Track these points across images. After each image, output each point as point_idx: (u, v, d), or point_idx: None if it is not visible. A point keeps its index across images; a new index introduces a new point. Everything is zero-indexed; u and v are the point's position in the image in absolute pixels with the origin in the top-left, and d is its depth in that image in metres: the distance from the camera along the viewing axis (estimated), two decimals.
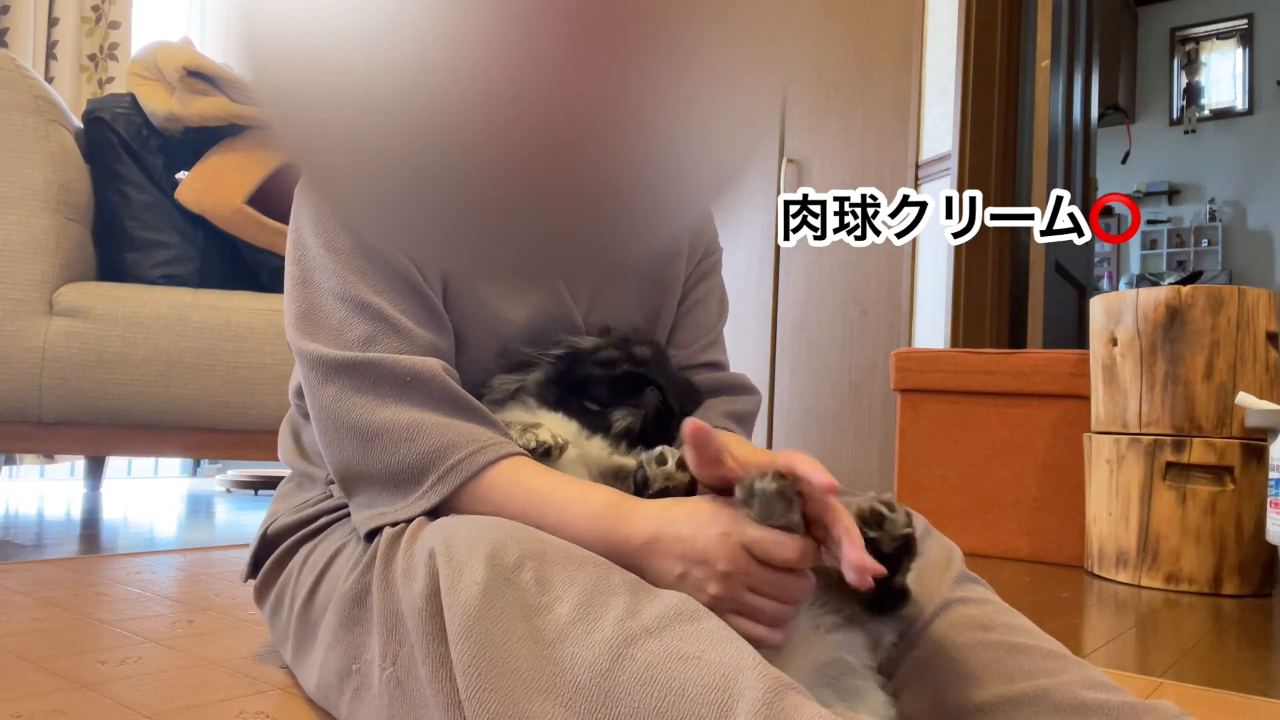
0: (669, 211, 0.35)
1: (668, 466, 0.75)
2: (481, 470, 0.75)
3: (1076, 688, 0.68)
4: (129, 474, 3.61)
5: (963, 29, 2.84)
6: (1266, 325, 1.92)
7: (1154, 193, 6.56)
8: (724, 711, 0.54)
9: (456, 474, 0.75)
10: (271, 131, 0.32)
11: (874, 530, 0.69)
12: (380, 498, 0.78)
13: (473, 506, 0.75)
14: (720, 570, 0.66)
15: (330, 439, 0.80)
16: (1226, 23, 6.38)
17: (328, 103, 0.31)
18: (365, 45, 0.29)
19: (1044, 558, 2.21)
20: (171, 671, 0.96)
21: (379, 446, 0.76)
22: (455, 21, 0.28)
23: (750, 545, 0.66)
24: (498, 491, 0.75)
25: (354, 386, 0.78)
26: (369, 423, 0.77)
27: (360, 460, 0.78)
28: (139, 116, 2.20)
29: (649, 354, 0.91)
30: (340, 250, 0.82)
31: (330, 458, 0.81)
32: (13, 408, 1.88)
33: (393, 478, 0.77)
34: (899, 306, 2.98)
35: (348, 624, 0.77)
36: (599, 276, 0.98)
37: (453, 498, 0.75)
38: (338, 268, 0.82)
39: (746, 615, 0.67)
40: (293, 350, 0.84)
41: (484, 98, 0.29)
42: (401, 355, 0.79)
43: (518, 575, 0.63)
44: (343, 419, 0.78)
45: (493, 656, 0.60)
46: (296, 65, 0.31)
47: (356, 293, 0.80)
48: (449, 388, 0.79)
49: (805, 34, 0.32)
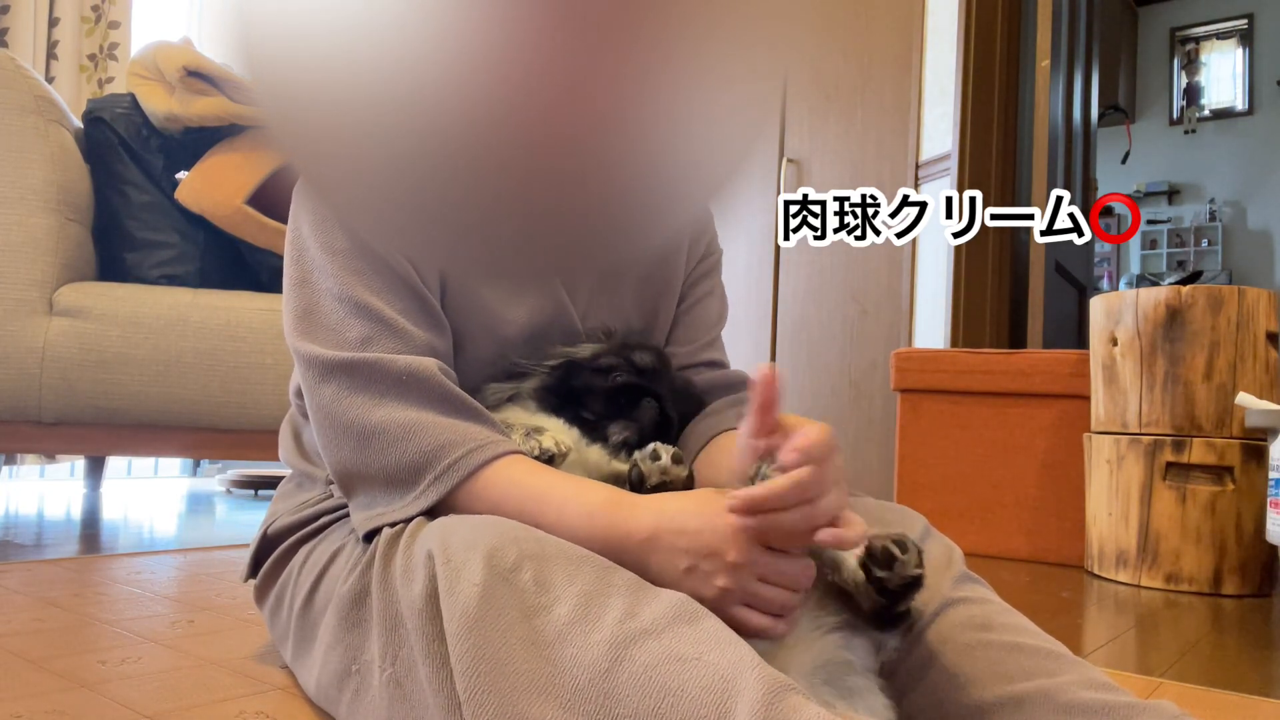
0: (667, 210, 0.35)
1: (662, 461, 0.75)
2: (478, 469, 0.75)
3: (1076, 688, 0.68)
4: (129, 474, 3.61)
5: (963, 29, 2.83)
6: (1266, 325, 1.92)
7: (1154, 193, 6.55)
8: (724, 713, 0.54)
9: (453, 473, 0.75)
10: (268, 131, 0.32)
11: (882, 570, 0.69)
12: (378, 498, 0.78)
13: (470, 505, 0.75)
14: (730, 561, 0.66)
15: (328, 439, 0.80)
16: (1226, 23, 6.38)
17: (323, 101, 0.31)
18: (360, 44, 0.29)
19: (1044, 558, 2.21)
20: (171, 671, 0.96)
21: (376, 446, 0.77)
22: (451, 19, 0.28)
23: (760, 534, 0.66)
24: (495, 490, 0.75)
25: (351, 386, 0.78)
26: (365, 422, 0.77)
27: (358, 460, 0.78)
28: (139, 116, 2.20)
29: (650, 361, 0.90)
30: (338, 251, 0.82)
31: (329, 458, 0.81)
32: (13, 408, 1.88)
33: (390, 478, 0.77)
34: (899, 306, 2.98)
35: (347, 624, 0.77)
36: (597, 276, 0.98)
37: (450, 497, 0.75)
38: (335, 269, 0.82)
39: (755, 606, 0.67)
40: (291, 350, 0.84)
41: (479, 96, 0.29)
42: (398, 355, 0.79)
43: (516, 576, 0.63)
44: (340, 419, 0.78)
45: (491, 657, 0.60)
46: (291, 64, 0.31)
47: (354, 293, 0.81)
48: (445, 387, 0.79)
49: (801, 36, 0.32)
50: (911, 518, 0.86)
